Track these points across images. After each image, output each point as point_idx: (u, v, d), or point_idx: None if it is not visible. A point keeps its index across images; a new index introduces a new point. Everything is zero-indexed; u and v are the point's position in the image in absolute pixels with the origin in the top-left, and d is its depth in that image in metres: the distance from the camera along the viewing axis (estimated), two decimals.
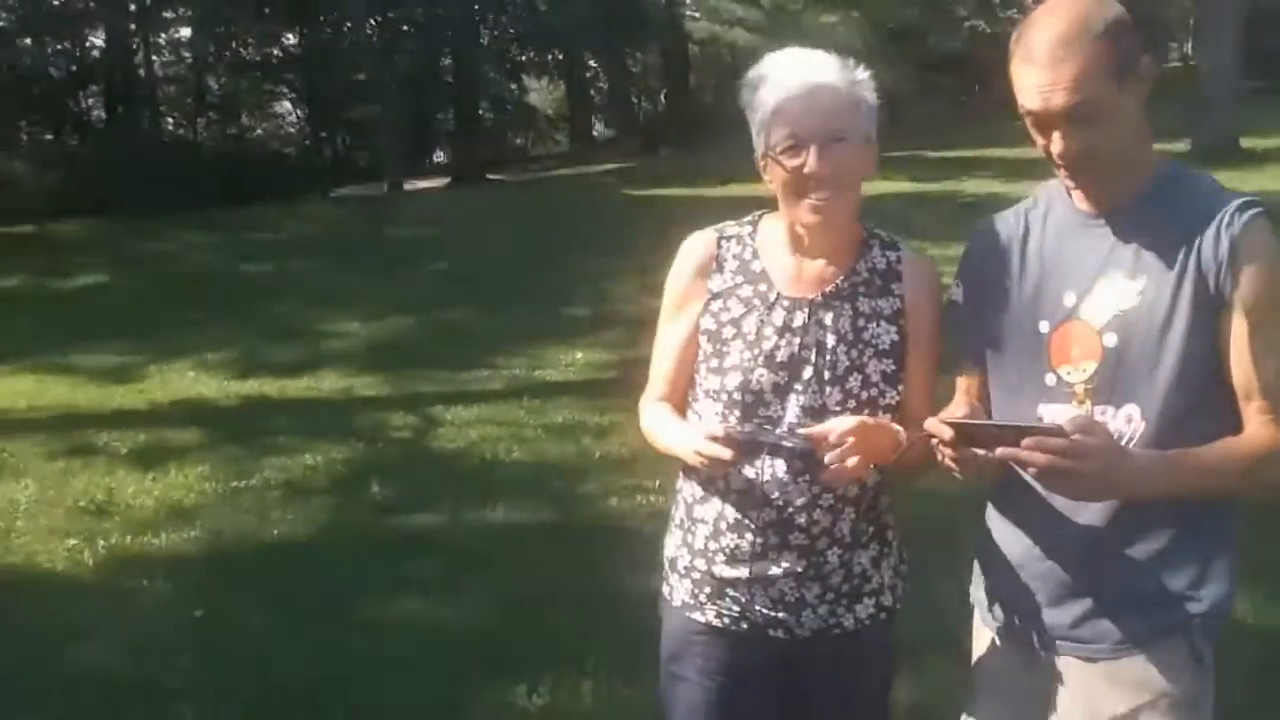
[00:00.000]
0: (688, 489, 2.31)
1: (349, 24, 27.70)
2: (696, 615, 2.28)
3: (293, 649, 4.34)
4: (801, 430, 2.07)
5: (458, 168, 28.63)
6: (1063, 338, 2.01)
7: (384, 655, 4.24)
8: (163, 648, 4.40)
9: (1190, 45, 36.62)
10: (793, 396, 2.15)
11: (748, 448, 2.04)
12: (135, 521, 5.79)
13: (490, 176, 28.08)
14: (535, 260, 12.06)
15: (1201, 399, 1.93)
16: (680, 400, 2.29)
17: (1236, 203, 1.91)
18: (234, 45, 33.52)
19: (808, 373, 2.15)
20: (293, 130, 36.98)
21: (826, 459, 1.97)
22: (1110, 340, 1.96)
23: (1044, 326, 2.03)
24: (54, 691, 4.08)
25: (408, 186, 26.88)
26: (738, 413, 2.16)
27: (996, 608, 2.17)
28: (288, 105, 37.39)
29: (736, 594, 2.22)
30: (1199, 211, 1.93)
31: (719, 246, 2.27)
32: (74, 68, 33.10)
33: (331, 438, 7.03)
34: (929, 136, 25.89)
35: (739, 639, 2.25)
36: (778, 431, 2.10)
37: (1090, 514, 1.98)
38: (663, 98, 34.51)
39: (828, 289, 2.20)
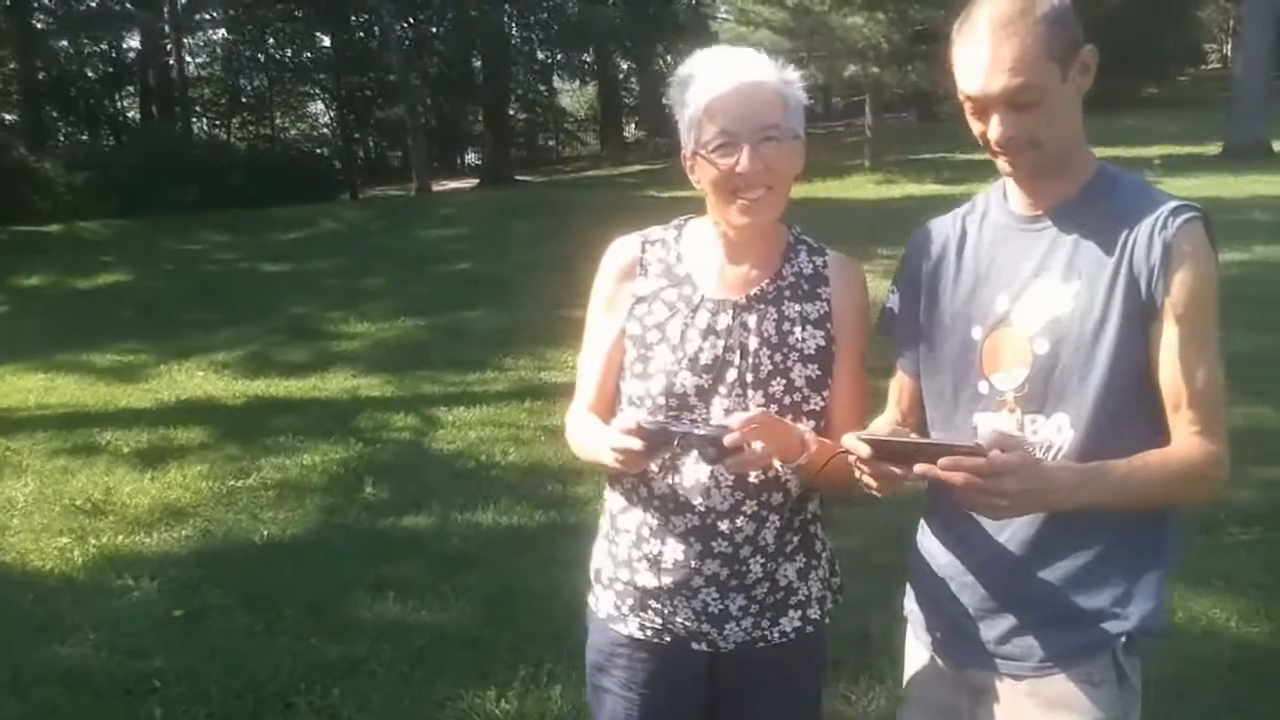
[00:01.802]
0: (612, 499, 2.27)
1: (379, 26, 27.79)
2: (619, 627, 2.23)
3: (268, 650, 4.32)
4: (714, 421, 2.02)
5: (488, 169, 28.70)
6: (994, 344, 1.95)
7: (356, 658, 4.22)
8: (139, 647, 4.39)
9: (1230, 48, 36.29)
10: (717, 400, 2.10)
11: (658, 438, 1.98)
12: (129, 520, 5.81)
13: (519, 178, 28.17)
14: (554, 262, 12.00)
15: (1132, 407, 1.86)
16: (608, 408, 2.24)
17: (1171, 206, 1.84)
18: (267, 47, 33.89)
19: (731, 375, 2.10)
20: (326, 131, 37.30)
21: (726, 440, 1.91)
22: (1041, 347, 1.89)
23: (977, 333, 1.98)
24: (24, 687, 4.09)
25: (437, 187, 26.96)
26: (662, 418, 2.11)
27: (927, 622, 2.11)
28: (321, 106, 37.75)
29: (659, 605, 2.17)
30: (1133, 215, 1.86)
31: (643, 250, 2.22)
32: (110, 69, 33.66)
33: (332, 438, 7.04)
34: (959, 138, 25.73)
35: (662, 652, 2.20)
36: (688, 421, 2.05)
37: (1015, 530, 1.92)
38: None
39: (753, 291, 2.14)
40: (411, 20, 30.60)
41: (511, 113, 32.71)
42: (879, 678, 3.76)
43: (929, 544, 2.09)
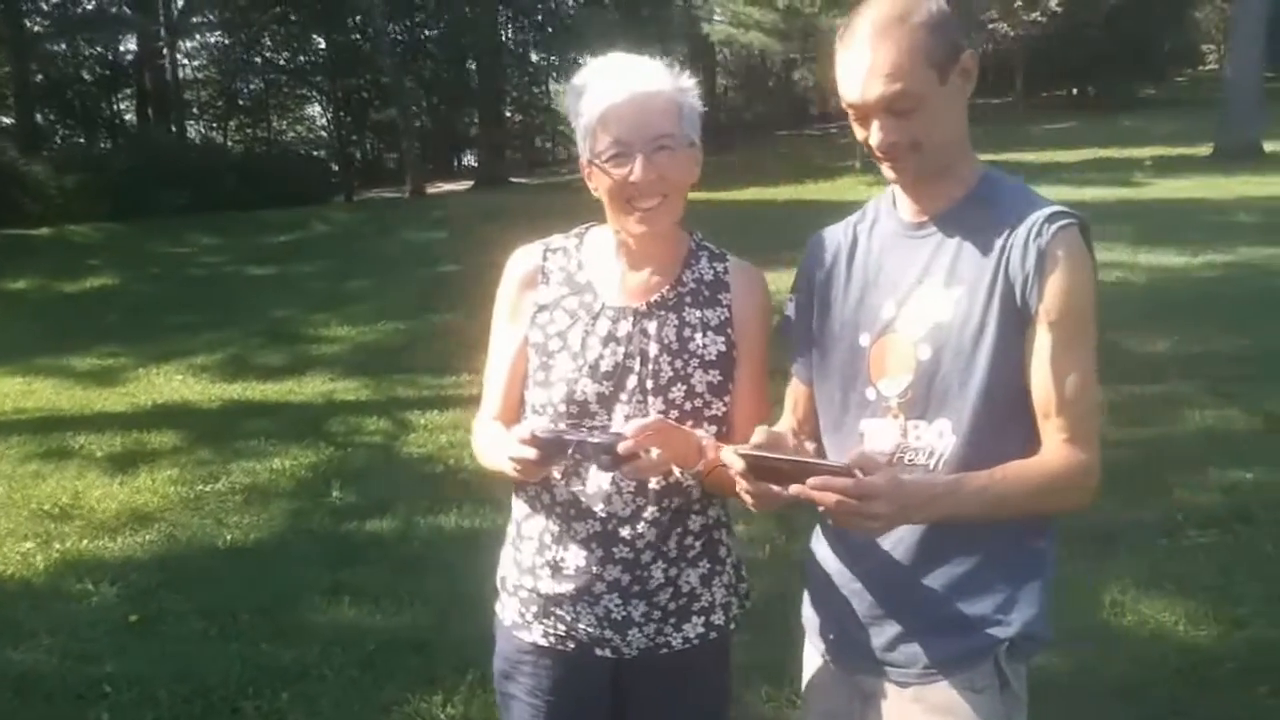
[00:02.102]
0: (517, 506, 2.27)
1: (371, 28, 27.83)
2: (524, 634, 2.23)
3: (220, 655, 4.33)
4: (614, 429, 2.02)
5: (483, 171, 28.74)
6: (881, 351, 1.96)
7: (307, 662, 4.22)
8: (93, 652, 4.40)
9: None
10: (618, 407, 2.11)
11: (553, 447, 1.99)
12: (95, 525, 5.82)
13: (514, 180, 28.19)
14: None
15: (1013, 413, 1.86)
16: (514, 416, 2.24)
17: (1047, 212, 1.85)
18: (263, 50, 33.93)
19: (632, 382, 2.11)
20: (323, 134, 37.33)
21: (620, 448, 1.92)
22: (924, 353, 1.90)
23: (864, 340, 1.98)
24: None
25: (432, 190, 26.98)
26: (564, 425, 2.11)
27: (821, 628, 2.12)
28: (318, 109, 37.79)
29: (562, 612, 2.18)
30: (1013, 221, 1.86)
31: (544, 259, 2.23)
32: (106, 72, 33.70)
33: (303, 442, 7.04)
34: None
35: (566, 658, 2.20)
36: (583, 428, 2.06)
37: (900, 537, 1.92)
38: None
39: (653, 298, 2.15)
40: (406, 23, 30.66)
41: (509, 114, 32.71)
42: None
43: (821, 550, 2.10)
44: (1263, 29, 19.89)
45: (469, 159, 37.05)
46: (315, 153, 35.32)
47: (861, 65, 1.82)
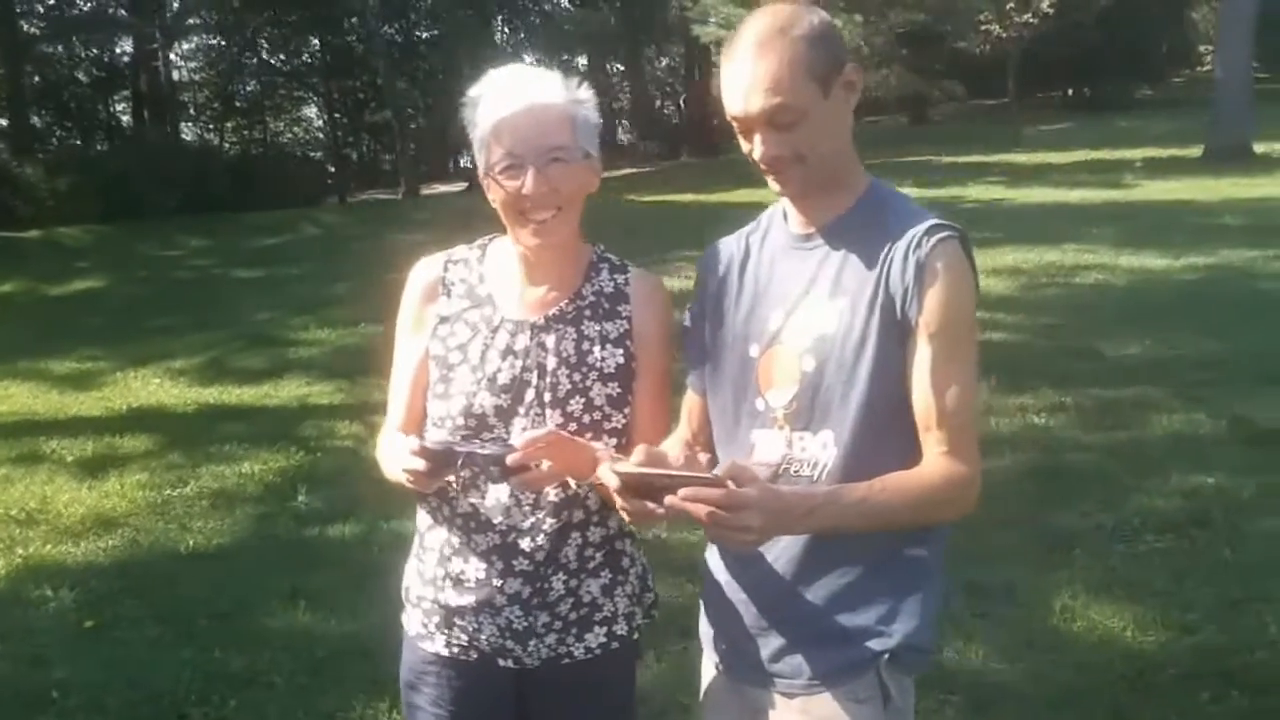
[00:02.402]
0: (420, 518, 2.28)
1: (364, 30, 27.86)
2: (427, 645, 2.24)
3: (172, 662, 4.34)
4: (506, 440, 2.03)
5: (477, 173, 28.67)
6: (768, 362, 1.97)
7: (258, 669, 4.24)
8: (46, 658, 4.41)
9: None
10: (516, 420, 2.11)
11: (443, 458, 1.99)
12: (60, 530, 5.83)
13: None
14: None
15: (895, 425, 1.87)
16: (418, 428, 2.24)
17: (927, 224, 1.86)
18: (260, 51, 33.95)
19: (529, 396, 2.11)
20: (320, 136, 37.31)
21: (509, 460, 1.93)
22: (808, 364, 1.91)
23: (754, 350, 1.99)
24: None
25: (427, 191, 26.99)
26: (453, 437, 2.12)
27: (714, 639, 2.13)
28: (315, 110, 37.78)
29: (464, 623, 2.18)
30: (895, 233, 1.87)
31: (445, 270, 2.24)
32: (102, 74, 33.71)
33: (275, 446, 7.05)
34: (947, 141, 25.76)
35: (469, 669, 2.21)
36: (474, 440, 2.06)
37: (784, 548, 1.93)
38: (682, 103, 34.52)
39: (551, 312, 2.15)
40: (401, 24, 30.66)
41: None
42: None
43: (713, 561, 2.11)
44: (1251, 30, 19.86)
45: (465, 160, 37.05)
46: (312, 154, 35.32)
47: (743, 78, 1.83)
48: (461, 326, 2.19)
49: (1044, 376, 7.40)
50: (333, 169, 31.71)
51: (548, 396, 2.11)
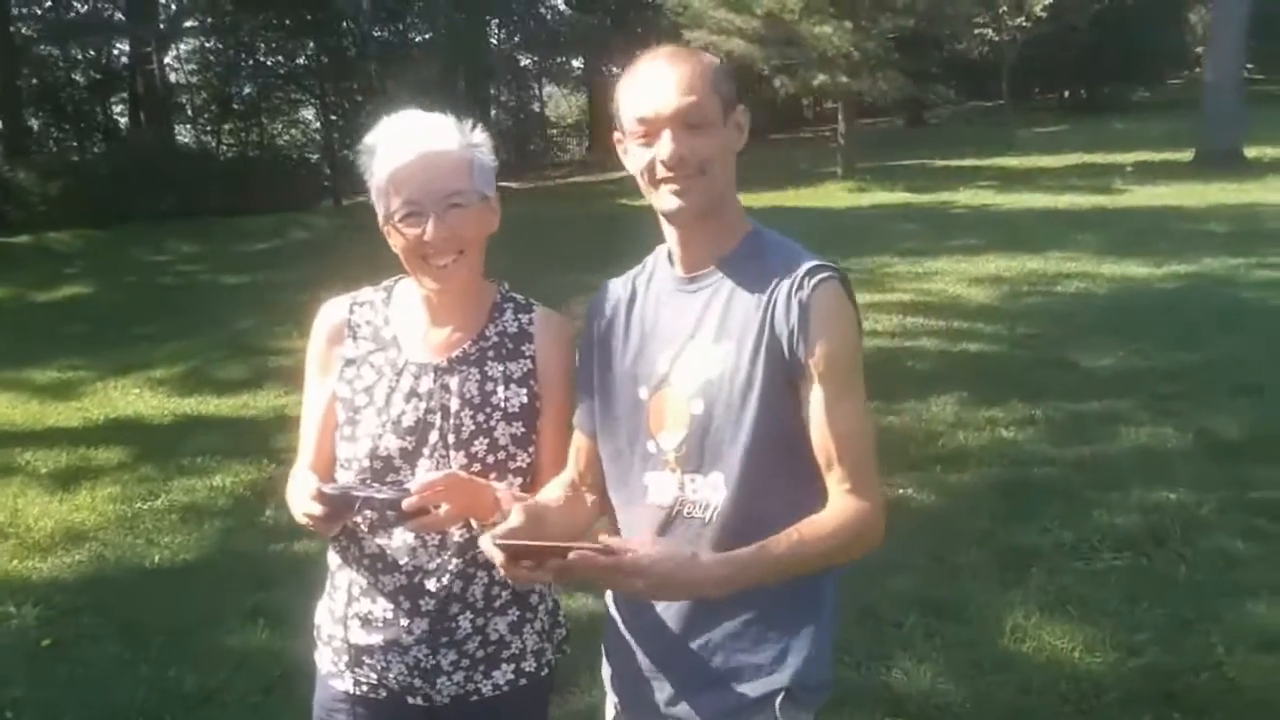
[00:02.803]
0: (330, 557, 2.31)
1: (357, 33, 27.87)
2: (337, 683, 2.27)
3: (129, 680, 4.36)
4: (406, 484, 2.05)
5: None
6: (658, 404, 2.00)
7: (212, 687, 4.27)
8: (3, 677, 4.44)
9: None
10: (421, 462, 2.14)
11: (340, 503, 2.02)
12: (28, 545, 5.84)
13: (502, 184, 28.13)
14: (507, 274, 12.02)
15: (783, 466, 1.90)
16: (328, 468, 2.27)
17: (806, 267, 1.88)
18: (257, 54, 33.94)
19: (434, 437, 2.14)
20: (317, 138, 37.29)
21: (405, 504, 1.95)
22: (696, 407, 1.94)
23: (643, 393, 2.02)
24: None
25: None
26: (356, 480, 2.15)
27: (613, 681, 2.16)
28: (313, 113, 37.76)
29: (372, 661, 2.21)
30: (778, 275, 1.90)
31: (351, 313, 2.27)
32: (99, 75, 33.71)
33: (248, 458, 7.06)
34: (941, 144, 25.80)
35: (379, 706, 2.24)
36: (371, 485, 2.09)
37: (659, 610, 1.98)
38: None
39: (455, 353, 2.18)
40: (396, 27, 30.69)
41: (497, 118, 32.77)
42: None
43: (612, 604, 2.13)
44: (1243, 32, 19.86)
45: None
46: (309, 156, 35.27)
47: (658, 81, 1.89)
48: (367, 369, 2.22)
49: (1017, 389, 7.42)
50: (329, 171, 31.66)
51: (451, 438, 2.14)
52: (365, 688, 2.23)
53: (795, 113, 37.14)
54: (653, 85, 1.89)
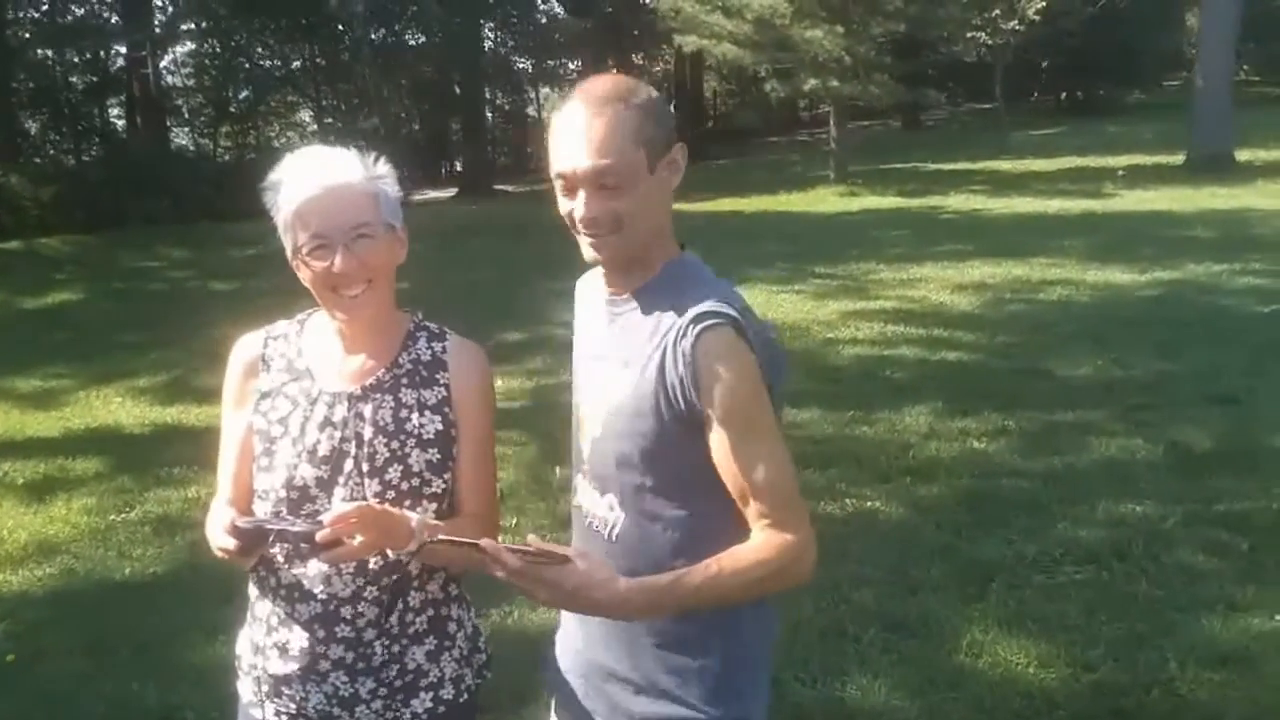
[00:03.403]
0: (250, 587, 2.33)
1: (352, 37, 27.92)
2: (257, 713, 2.29)
3: (90, 696, 4.38)
4: (320, 516, 2.07)
5: (466, 179, 28.84)
6: (581, 412, 2.07)
7: (171, 704, 4.28)
8: None
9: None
10: (337, 490, 2.16)
11: (254, 536, 2.05)
12: (0, 559, 5.85)
13: (498, 187, 28.24)
14: (488, 286, 12.10)
15: (673, 498, 1.93)
16: (246, 500, 2.28)
17: (692, 314, 1.85)
18: (254, 57, 34.00)
19: (348, 466, 2.16)
20: (315, 141, 37.34)
21: (318, 536, 1.97)
22: (596, 430, 1.98)
23: (578, 396, 2.09)
24: None
25: (418, 196, 26.96)
26: (284, 510, 2.17)
27: (553, 698, 2.20)
28: (309, 115, 37.83)
29: (291, 691, 2.23)
30: (675, 315, 1.90)
31: (265, 346, 2.30)
32: (95, 79, 33.74)
33: None
34: (936, 147, 25.81)
35: None
36: (283, 517, 2.11)
37: (601, 624, 1.99)
38: (671, 108, 34.52)
39: (368, 382, 2.21)
40: (393, 29, 30.72)
41: (493, 121, 32.80)
42: None
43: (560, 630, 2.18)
44: (1233, 35, 19.87)
45: (459, 165, 37.13)
46: None
47: (574, 137, 1.85)
48: (282, 400, 2.24)
49: (991, 399, 7.43)
50: None
51: (365, 466, 2.16)
52: (285, 717, 2.25)
53: (791, 115, 37.22)
54: (571, 141, 1.85)
